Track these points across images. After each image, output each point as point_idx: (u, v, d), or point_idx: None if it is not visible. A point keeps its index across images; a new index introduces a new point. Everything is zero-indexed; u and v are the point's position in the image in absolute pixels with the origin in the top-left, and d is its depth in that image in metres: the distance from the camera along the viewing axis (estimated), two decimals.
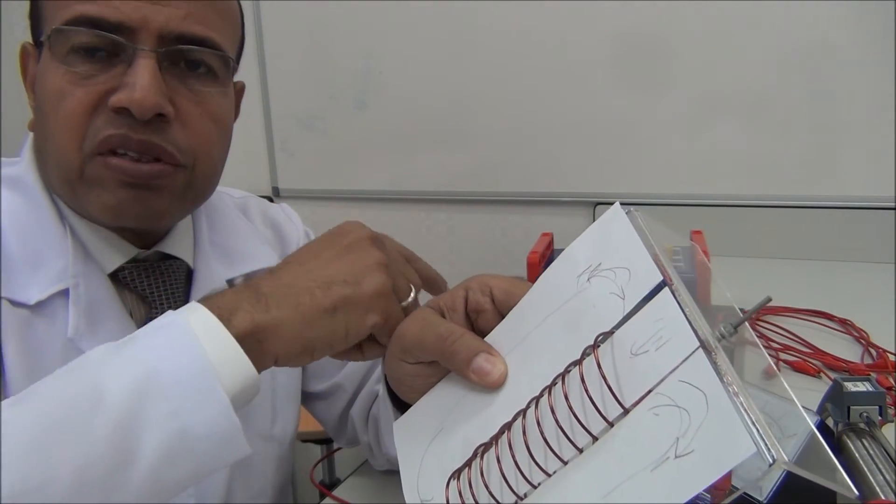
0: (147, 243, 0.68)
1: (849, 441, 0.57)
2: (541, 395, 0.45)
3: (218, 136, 0.66)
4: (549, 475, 0.42)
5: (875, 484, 0.53)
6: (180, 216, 0.68)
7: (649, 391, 0.39)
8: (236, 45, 0.69)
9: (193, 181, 0.64)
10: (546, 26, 1.76)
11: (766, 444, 0.34)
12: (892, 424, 0.61)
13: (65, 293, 0.62)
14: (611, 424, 0.40)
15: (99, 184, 0.60)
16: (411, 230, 2.06)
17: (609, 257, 0.47)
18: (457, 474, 0.46)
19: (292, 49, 2.04)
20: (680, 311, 0.41)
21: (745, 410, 0.35)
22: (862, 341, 0.98)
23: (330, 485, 0.99)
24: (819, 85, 1.57)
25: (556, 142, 1.82)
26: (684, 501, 0.34)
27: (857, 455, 0.55)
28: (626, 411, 0.40)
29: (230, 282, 0.74)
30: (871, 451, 0.55)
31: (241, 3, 0.71)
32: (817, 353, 0.93)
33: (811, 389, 0.83)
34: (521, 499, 0.42)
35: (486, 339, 0.50)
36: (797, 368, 0.90)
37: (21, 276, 0.61)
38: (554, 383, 0.44)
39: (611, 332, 0.44)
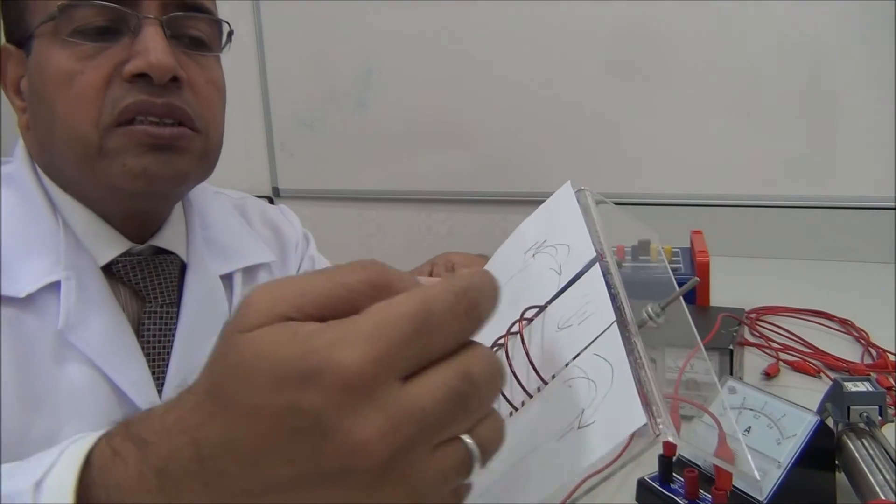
0: (141, 238, 0.68)
1: (849, 441, 0.57)
2: None
3: (221, 104, 0.68)
4: None
5: (875, 484, 0.53)
6: (196, 183, 0.69)
7: (567, 364, 0.40)
8: None
9: (208, 148, 0.66)
10: (546, 26, 1.76)
11: (655, 418, 0.34)
12: (892, 424, 0.61)
13: (56, 286, 0.62)
14: (530, 396, 0.41)
15: (122, 152, 0.60)
16: (411, 230, 2.06)
17: (553, 234, 0.48)
18: None
19: (292, 49, 2.04)
20: (605, 287, 0.41)
21: (645, 384, 0.35)
22: (862, 341, 0.98)
23: None
24: (819, 84, 1.57)
25: (555, 142, 1.82)
26: (581, 470, 0.35)
27: (857, 455, 0.55)
28: (545, 383, 0.41)
29: (224, 277, 0.74)
30: (871, 451, 0.55)
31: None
32: (817, 353, 0.93)
33: (811, 389, 0.83)
34: None
35: None
36: (797, 368, 0.90)
37: (11, 269, 0.61)
38: None
39: (543, 307, 0.45)
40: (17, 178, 0.66)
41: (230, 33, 0.69)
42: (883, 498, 0.51)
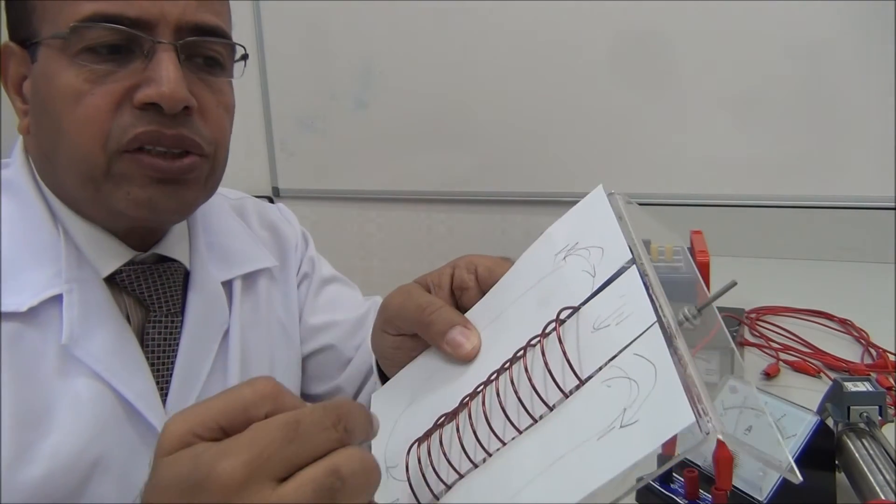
0: (144, 246, 0.67)
1: (849, 441, 0.57)
2: (502, 368, 0.45)
3: (230, 125, 0.67)
4: (504, 444, 0.42)
5: (875, 484, 0.53)
6: (202, 203, 0.68)
7: (605, 363, 0.40)
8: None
9: (214, 170, 0.65)
10: (546, 26, 1.76)
11: (703, 416, 0.34)
12: (892, 424, 0.61)
13: (58, 299, 0.60)
14: (567, 395, 0.41)
15: (129, 180, 0.59)
16: (411, 230, 2.06)
17: (585, 237, 0.48)
18: (418, 441, 0.47)
19: (292, 49, 2.04)
20: (643, 288, 0.42)
21: (691, 383, 0.35)
22: (862, 341, 0.98)
23: None
24: (819, 85, 1.57)
25: (556, 141, 1.82)
26: (623, 469, 0.35)
27: (857, 455, 0.55)
28: (582, 383, 0.41)
29: (225, 283, 0.73)
30: (871, 451, 0.55)
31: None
32: (817, 353, 0.93)
33: (811, 389, 0.83)
34: (476, 466, 0.43)
35: (466, 314, 0.51)
36: (797, 368, 0.90)
37: (11, 281, 0.60)
38: (516, 357, 0.45)
39: (577, 308, 0.45)
40: (16, 184, 0.64)
41: (244, 56, 0.68)
42: (883, 498, 0.51)
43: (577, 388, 0.41)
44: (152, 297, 0.66)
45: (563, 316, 0.45)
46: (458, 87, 1.88)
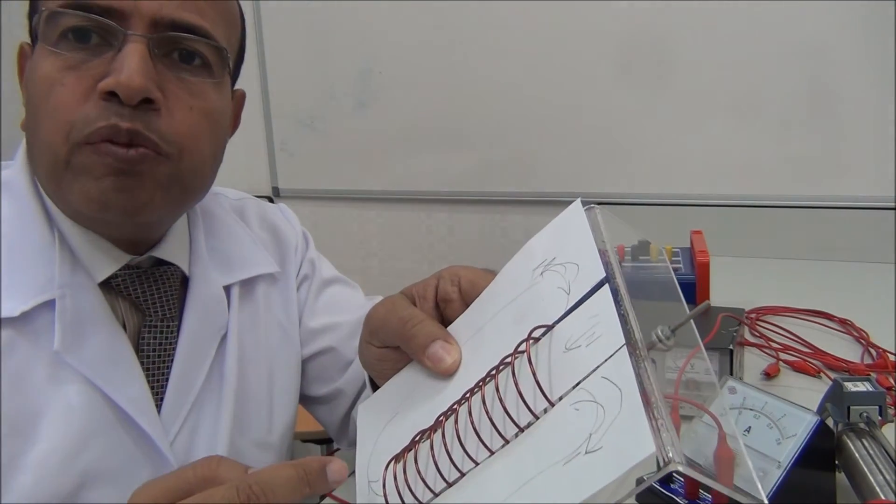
0: (140, 249, 0.66)
1: (849, 441, 0.57)
2: (476, 386, 0.46)
3: (209, 130, 0.63)
4: (477, 464, 0.42)
5: (875, 484, 0.53)
6: (167, 212, 0.64)
7: (574, 386, 0.40)
8: (235, 46, 0.68)
9: (180, 174, 0.61)
10: (546, 27, 1.76)
11: (665, 446, 0.33)
12: (892, 424, 0.61)
13: (51, 304, 0.59)
14: (536, 417, 0.41)
15: (85, 172, 0.57)
16: (411, 230, 2.06)
17: (562, 252, 0.48)
18: (395, 458, 0.47)
19: (292, 49, 2.04)
20: (614, 308, 0.41)
21: (656, 412, 0.35)
22: (862, 341, 0.98)
23: None
24: (819, 85, 1.57)
25: (556, 142, 1.82)
26: (585, 498, 0.35)
27: (857, 455, 0.55)
28: (552, 405, 0.40)
29: (226, 288, 0.72)
30: (871, 451, 0.55)
31: (242, 3, 0.70)
32: (817, 353, 0.93)
33: (811, 389, 0.83)
34: (450, 485, 0.43)
35: (449, 328, 0.51)
36: (797, 368, 0.90)
37: (5, 286, 0.59)
38: (490, 375, 0.45)
39: (551, 326, 0.45)
40: (14, 185, 0.64)
41: (238, 63, 0.67)
42: (883, 498, 0.51)
43: (546, 411, 0.41)
44: (148, 301, 0.65)
45: (536, 334, 0.45)
46: (457, 87, 1.89)
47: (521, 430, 0.41)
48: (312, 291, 0.84)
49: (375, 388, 0.58)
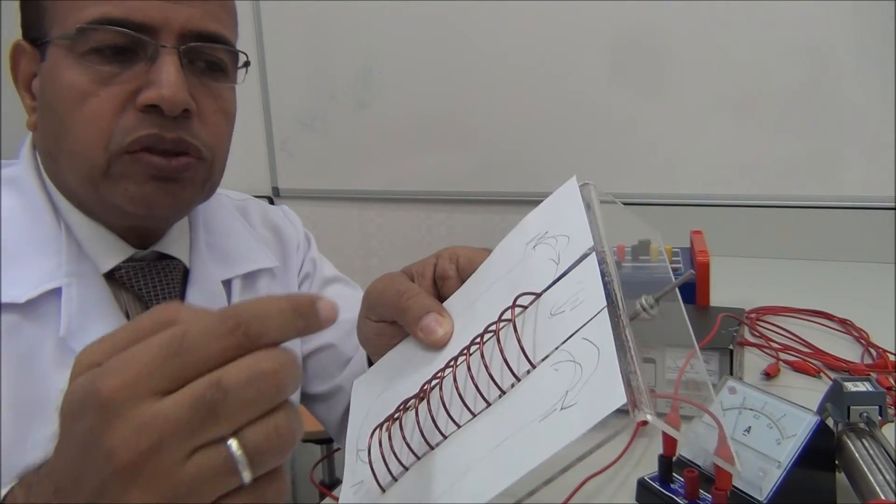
0: (145, 243, 0.68)
1: (849, 441, 0.57)
2: (460, 354, 0.46)
3: (229, 130, 0.68)
4: (459, 426, 0.43)
5: (875, 484, 0.53)
6: (195, 206, 0.70)
7: (556, 348, 0.41)
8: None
9: (211, 173, 0.66)
10: (546, 27, 1.76)
11: (639, 402, 0.34)
12: (892, 424, 0.61)
13: (57, 292, 0.62)
14: (518, 380, 0.42)
15: (127, 177, 0.61)
16: (411, 230, 2.06)
17: (554, 226, 0.49)
18: (380, 426, 0.48)
19: (292, 49, 2.04)
20: (598, 274, 0.42)
21: (631, 369, 0.36)
22: (862, 341, 0.98)
23: (330, 485, 0.99)
24: (819, 85, 1.57)
25: (555, 142, 1.82)
26: (556, 450, 0.35)
27: (857, 455, 0.55)
28: (534, 367, 0.42)
29: (224, 282, 0.74)
30: (871, 451, 0.55)
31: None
32: (817, 353, 0.93)
33: (811, 389, 0.83)
34: (432, 448, 0.44)
35: (444, 303, 0.52)
36: (797, 368, 0.90)
37: (11, 273, 0.61)
38: (474, 343, 0.46)
39: (539, 295, 0.46)
40: (21, 180, 0.66)
41: (247, 63, 0.69)
42: (883, 498, 0.51)
43: (529, 372, 0.42)
44: (151, 293, 0.67)
45: (524, 302, 0.46)
46: (457, 87, 1.89)
47: (504, 392, 0.42)
48: (313, 289, 0.85)
49: None
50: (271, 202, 0.90)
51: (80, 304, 0.62)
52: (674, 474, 0.57)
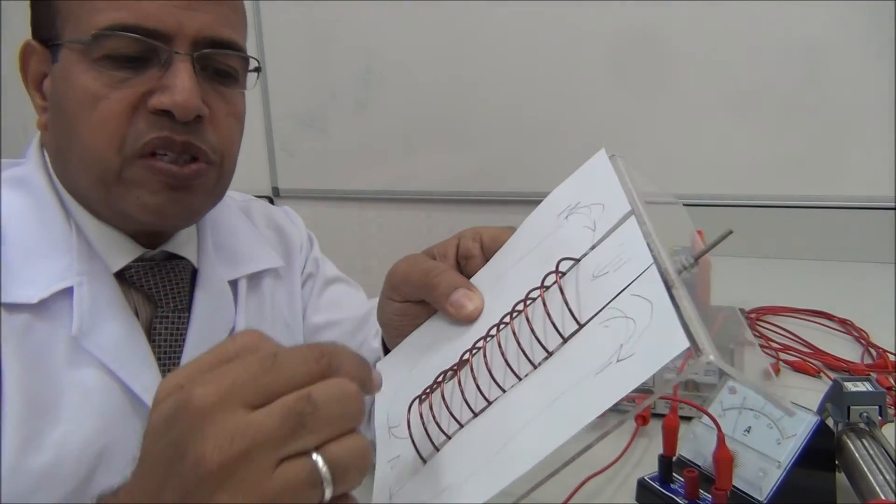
0: (153, 244, 0.68)
1: (849, 441, 0.57)
2: (501, 321, 0.46)
3: (240, 134, 0.69)
4: (504, 391, 0.43)
5: (875, 484, 0.53)
6: (207, 213, 0.70)
7: (604, 307, 0.41)
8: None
9: (221, 177, 0.67)
10: (546, 27, 1.76)
11: (697, 342, 0.34)
12: (892, 424, 0.61)
13: (69, 291, 0.62)
14: (565, 340, 0.42)
15: (139, 185, 0.61)
16: (411, 230, 2.06)
17: (586, 196, 0.49)
18: (418, 398, 0.47)
19: (292, 49, 2.04)
20: (640, 234, 0.43)
21: (688, 317, 0.36)
22: (862, 341, 0.98)
23: None
24: (819, 85, 1.57)
25: (556, 142, 1.82)
26: (618, 398, 0.35)
27: (857, 455, 0.55)
28: (581, 327, 0.41)
29: (231, 282, 0.74)
30: (871, 451, 0.55)
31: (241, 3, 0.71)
32: (817, 353, 0.93)
33: (811, 389, 0.83)
34: (477, 415, 0.43)
35: (471, 280, 0.52)
36: (797, 368, 0.90)
37: (23, 273, 0.61)
38: (516, 310, 0.46)
39: (578, 260, 0.46)
40: (31, 180, 0.66)
41: (258, 69, 0.70)
42: (883, 498, 0.51)
43: (576, 332, 0.42)
44: (160, 293, 0.67)
45: (563, 268, 0.45)
46: (458, 87, 1.88)
47: (550, 353, 0.42)
48: (316, 289, 0.86)
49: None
50: (271, 202, 0.90)
51: (92, 303, 0.62)
52: (674, 474, 0.57)
